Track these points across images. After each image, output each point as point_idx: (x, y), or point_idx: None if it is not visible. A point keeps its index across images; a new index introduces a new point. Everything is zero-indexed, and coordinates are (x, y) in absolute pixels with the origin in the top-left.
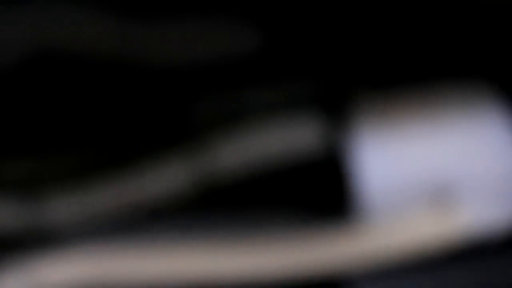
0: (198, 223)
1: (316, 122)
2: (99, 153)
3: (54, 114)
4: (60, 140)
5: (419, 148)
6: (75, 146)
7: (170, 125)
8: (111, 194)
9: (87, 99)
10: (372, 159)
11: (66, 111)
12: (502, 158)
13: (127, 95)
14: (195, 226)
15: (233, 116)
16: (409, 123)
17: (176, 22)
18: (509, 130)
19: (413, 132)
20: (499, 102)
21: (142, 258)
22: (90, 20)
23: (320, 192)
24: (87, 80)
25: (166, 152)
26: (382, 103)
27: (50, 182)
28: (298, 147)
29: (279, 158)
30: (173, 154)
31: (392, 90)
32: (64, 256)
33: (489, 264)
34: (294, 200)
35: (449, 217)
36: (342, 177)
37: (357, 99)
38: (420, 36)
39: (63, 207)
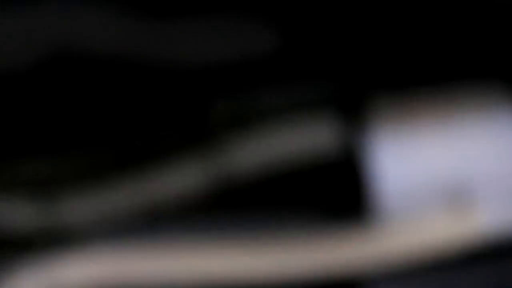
0: (214, 224)
1: (332, 123)
2: (115, 153)
3: (70, 114)
4: (76, 140)
5: (435, 149)
6: (90, 147)
7: (186, 125)
8: (126, 195)
9: (103, 99)
10: (388, 160)
11: (82, 111)
12: None
13: (143, 95)
14: (211, 227)
15: (249, 117)
16: (425, 124)
17: (192, 21)
18: None
19: (428, 133)
20: None
21: (156, 259)
22: (106, 21)
23: (337, 193)
24: (104, 80)
25: (182, 152)
26: (397, 104)
27: (66, 182)
28: (314, 148)
29: (295, 159)
30: (189, 155)
31: (408, 91)
32: (80, 256)
33: (506, 265)
34: (310, 201)
35: (465, 218)
36: (358, 178)
37: (373, 101)
38: (434, 38)
39: (79, 208)
